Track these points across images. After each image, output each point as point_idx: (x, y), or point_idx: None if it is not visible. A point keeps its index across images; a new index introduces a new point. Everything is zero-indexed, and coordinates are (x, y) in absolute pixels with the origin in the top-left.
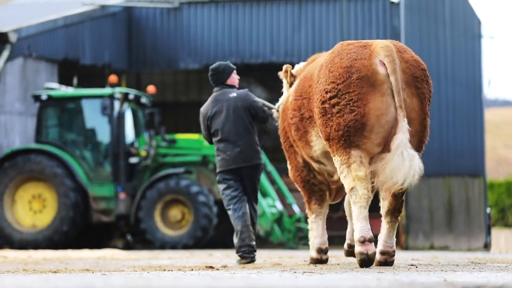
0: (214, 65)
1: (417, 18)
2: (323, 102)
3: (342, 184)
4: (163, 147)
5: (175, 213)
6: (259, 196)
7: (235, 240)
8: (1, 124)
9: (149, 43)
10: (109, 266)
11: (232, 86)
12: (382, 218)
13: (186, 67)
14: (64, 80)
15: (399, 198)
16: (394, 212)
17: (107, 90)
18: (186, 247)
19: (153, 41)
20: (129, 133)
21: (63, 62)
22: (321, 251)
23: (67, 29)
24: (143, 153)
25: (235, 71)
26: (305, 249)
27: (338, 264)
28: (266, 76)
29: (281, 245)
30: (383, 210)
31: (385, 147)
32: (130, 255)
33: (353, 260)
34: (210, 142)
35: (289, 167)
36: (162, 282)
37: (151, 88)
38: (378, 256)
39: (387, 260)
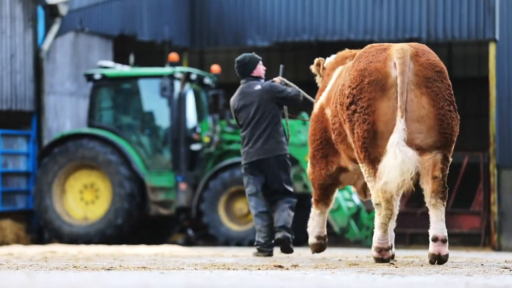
0: (239, 57)
1: None
2: (347, 108)
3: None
4: (228, 133)
5: (241, 206)
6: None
7: (256, 236)
8: (50, 106)
9: (213, 18)
10: (168, 263)
11: (258, 78)
12: (427, 204)
13: (254, 44)
14: (120, 57)
15: (440, 180)
16: (437, 193)
17: (166, 69)
18: (253, 243)
19: (218, 15)
20: (191, 117)
21: (119, 38)
22: (321, 237)
23: (124, 1)
24: (206, 139)
25: (260, 62)
26: None
27: (422, 265)
28: None
29: (358, 243)
30: (426, 196)
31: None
32: (191, 251)
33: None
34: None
35: (310, 168)
36: (226, 282)
37: (215, 68)
38: (430, 246)
39: (441, 253)
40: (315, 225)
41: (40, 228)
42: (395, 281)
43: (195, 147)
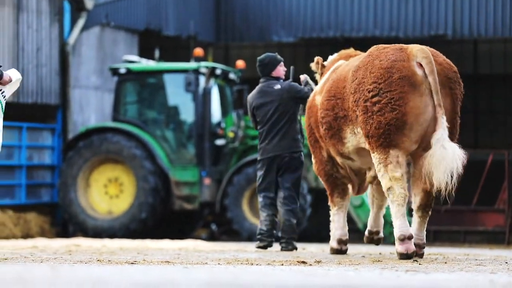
0: (261, 57)
1: None
2: (365, 101)
3: (365, 179)
4: (252, 128)
5: None
6: None
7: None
8: (75, 99)
9: (238, 13)
10: (191, 258)
11: (277, 78)
12: (414, 213)
13: (279, 40)
14: (145, 52)
15: (431, 195)
16: (425, 207)
17: (192, 64)
18: (276, 239)
19: (243, 10)
20: (216, 112)
21: (144, 32)
22: (342, 242)
23: None
24: (230, 134)
25: (281, 63)
26: None
27: (446, 263)
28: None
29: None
30: (414, 205)
31: (421, 145)
32: (215, 246)
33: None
34: (256, 129)
35: (313, 160)
36: (250, 277)
37: (240, 63)
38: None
39: (418, 253)
40: (336, 227)
41: (65, 222)
42: (418, 278)
43: (220, 142)
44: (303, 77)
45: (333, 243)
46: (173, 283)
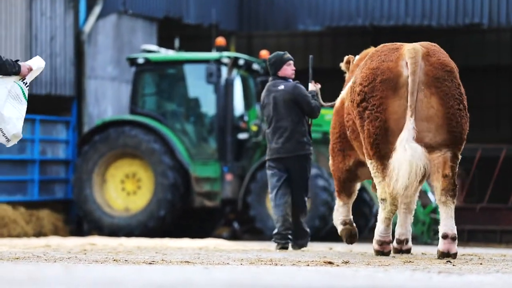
0: (270, 55)
1: None
2: (357, 105)
3: None
4: None
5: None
6: None
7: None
8: (91, 91)
9: (263, 0)
10: (212, 258)
11: (284, 78)
12: (437, 202)
13: (305, 29)
14: (164, 41)
15: (450, 178)
16: (447, 191)
17: (213, 54)
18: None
19: None
20: (238, 104)
21: (164, 20)
22: (346, 223)
23: None
24: (253, 128)
25: (290, 63)
26: None
27: (481, 264)
28: (397, 40)
29: (413, 239)
30: (436, 194)
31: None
32: (237, 246)
33: (494, 257)
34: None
35: (330, 157)
36: (273, 278)
37: (264, 53)
38: (440, 243)
39: (450, 251)
40: (339, 215)
41: (79, 219)
42: (452, 280)
43: (242, 136)
44: (313, 87)
45: (339, 227)
46: (193, 284)
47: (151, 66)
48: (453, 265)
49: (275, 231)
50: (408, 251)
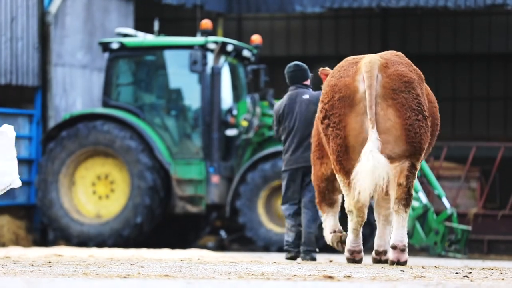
0: (295, 63)
1: None
2: (321, 122)
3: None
4: (270, 116)
5: None
6: None
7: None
8: (57, 80)
9: None
10: (196, 271)
11: (307, 86)
12: (391, 210)
13: (303, 11)
14: (142, 24)
15: (404, 187)
16: (400, 200)
17: (198, 39)
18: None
19: None
20: (226, 96)
21: (141, 0)
22: (335, 231)
23: None
24: (243, 123)
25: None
26: (458, 257)
27: (503, 279)
28: (408, 24)
29: (425, 250)
30: (391, 202)
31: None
32: (224, 257)
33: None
34: (278, 138)
35: (312, 170)
36: None
37: (256, 38)
38: (389, 252)
39: (400, 260)
40: (325, 226)
41: (44, 227)
42: None
43: (231, 132)
44: None
45: (327, 236)
46: None
47: (127, 52)
48: (471, 281)
49: (288, 240)
50: (387, 261)
